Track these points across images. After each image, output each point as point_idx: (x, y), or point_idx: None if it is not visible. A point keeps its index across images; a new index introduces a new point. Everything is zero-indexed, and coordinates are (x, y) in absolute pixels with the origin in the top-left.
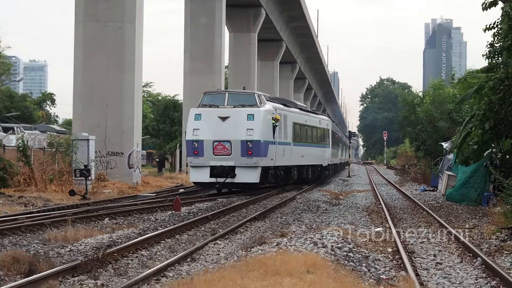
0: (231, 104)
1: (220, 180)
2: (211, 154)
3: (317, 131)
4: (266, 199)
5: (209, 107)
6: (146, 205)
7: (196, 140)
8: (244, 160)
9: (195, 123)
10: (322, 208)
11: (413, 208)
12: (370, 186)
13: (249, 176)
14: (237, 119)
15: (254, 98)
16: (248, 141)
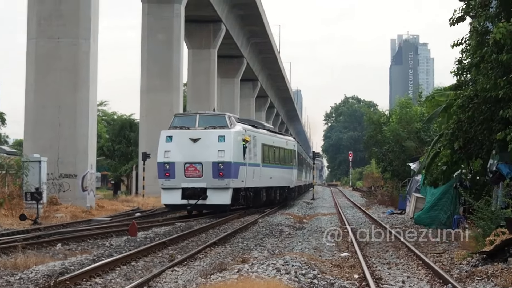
0: (202, 125)
1: (191, 202)
2: (182, 176)
3: (284, 152)
4: (227, 223)
5: (180, 129)
6: (101, 230)
7: (168, 162)
8: (216, 182)
9: (166, 145)
10: (285, 233)
11: (380, 232)
12: (335, 209)
13: (220, 197)
14: (208, 140)
15: (224, 120)
16: (220, 163)
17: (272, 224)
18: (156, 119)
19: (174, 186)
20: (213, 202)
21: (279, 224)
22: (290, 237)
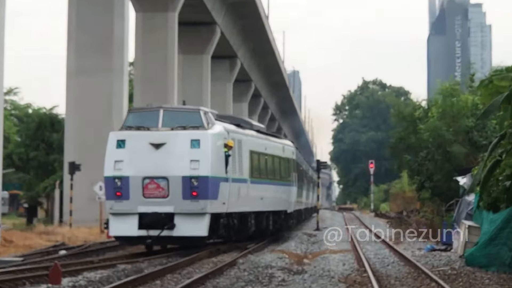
0: (168, 125)
1: (153, 233)
2: (140, 197)
3: (280, 163)
4: (193, 264)
5: (137, 130)
6: (9, 275)
7: (119, 176)
8: (187, 205)
9: (117, 152)
10: (277, 279)
11: (415, 278)
12: (350, 243)
13: (193, 227)
14: (176, 146)
15: (199, 117)
16: (193, 178)
17: (258, 266)
18: (90, 114)
19: (128, 211)
20: (183, 233)
21: (268, 266)
22: (285, 286)
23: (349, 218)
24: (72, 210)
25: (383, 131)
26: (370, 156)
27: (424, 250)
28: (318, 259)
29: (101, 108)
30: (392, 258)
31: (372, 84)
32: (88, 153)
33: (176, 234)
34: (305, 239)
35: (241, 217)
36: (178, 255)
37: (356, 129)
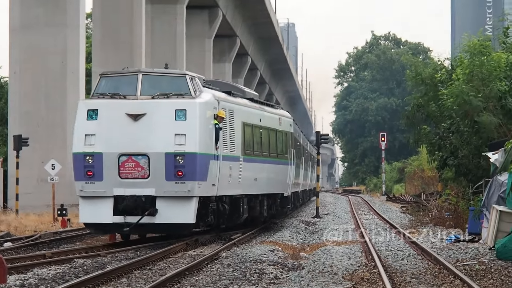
0: (148, 92)
1: (131, 220)
2: (115, 177)
3: (276, 137)
4: (166, 259)
5: (111, 98)
6: None
7: (90, 153)
8: (171, 187)
9: (88, 125)
10: (268, 276)
11: (436, 275)
12: (357, 233)
13: (178, 213)
14: (158, 118)
15: (185, 83)
16: (178, 155)
17: (245, 260)
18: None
19: (102, 194)
20: (166, 220)
21: (257, 260)
22: (278, 284)
23: (356, 202)
24: (18, 194)
25: (397, 97)
26: (381, 127)
27: (446, 241)
28: (317, 252)
29: (52, 70)
30: (408, 251)
31: (383, 39)
32: (38, 125)
33: (159, 221)
34: (302, 228)
35: (232, 201)
36: (148, 248)
37: (364, 94)
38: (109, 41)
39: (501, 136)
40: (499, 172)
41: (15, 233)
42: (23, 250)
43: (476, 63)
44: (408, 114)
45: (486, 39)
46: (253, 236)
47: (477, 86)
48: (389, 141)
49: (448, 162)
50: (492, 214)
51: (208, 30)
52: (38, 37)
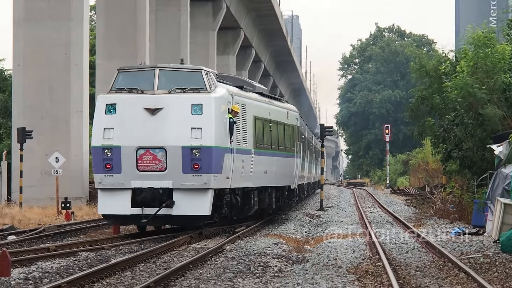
0: (165, 87)
1: (148, 212)
2: (133, 170)
3: (284, 130)
4: (170, 252)
5: (129, 93)
6: None
7: (109, 146)
8: (188, 179)
9: (107, 118)
10: (272, 269)
11: (440, 268)
12: (361, 225)
13: (195, 204)
14: (175, 112)
15: (201, 78)
16: (194, 148)
17: (249, 253)
18: (43, 70)
19: (120, 186)
20: (183, 212)
21: (261, 253)
22: (282, 277)
23: (360, 195)
24: (22, 187)
25: (402, 89)
26: (386, 120)
27: (451, 233)
28: (322, 245)
29: (56, 62)
30: (412, 244)
31: (388, 31)
32: (42, 118)
33: (175, 213)
34: (307, 221)
35: (244, 193)
36: (152, 241)
37: (369, 87)
38: (113, 34)
39: (506, 128)
40: (504, 164)
41: (19, 226)
42: (27, 243)
43: (480, 55)
44: (412, 107)
45: (490, 31)
46: (257, 229)
47: (481, 78)
48: (393, 134)
49: (452, 154)
50: (497, 206)
51: (212, 22)
52: (42, 30)
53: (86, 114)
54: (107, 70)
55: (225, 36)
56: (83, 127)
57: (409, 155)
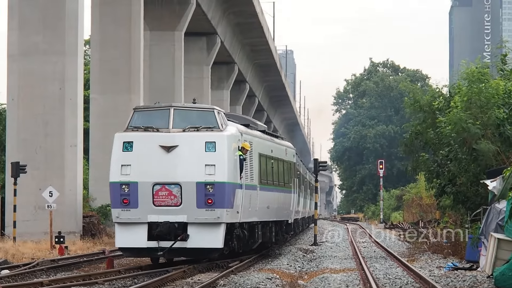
0: (179, 126)
1: (164, 245)
2: (149, 205)
3: (283, 166)
4: (164, 286)
5: (145, 131)
6: None
7: (127, 182)
8: (202, 214)
9: (124, 156)
10: None
11: None
12: (355, 261)
13: (208, 238)
14: (190, 149)
15: (213, 117)
16: (208, 184)
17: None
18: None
19: (137, 220)
20: (197, 245)
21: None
22: None
23: (354, 230)
24: (16, 221)
25: (396, 124)
26: (380, 155)
27: (444, 268)
28: (315, 280)
29: (50, 97)
30: (406, 279)
31: (382, 66)
32: (36, 152)
33: (190, 246)
34: (300, 255)
35: (250, 227)
36: (146, 275)
37: (363, 121)
38: (107, 68)
39: (499, 163)
40: (497, 199)
41: (12, 261)
42: (20, 277)
43: (474, 90)
44: (406, 142)
45: (484, 67)
46: (251, 263)
47: (475, 114)
48: (387, 169)
49: (446, 189)
50: (490, 242)
51: (206, 57)
52: (36, 64)
53: (80, 148)
54: (101, 104)
55: (219, 71)
56: (77, 161)
57: (403, 190)
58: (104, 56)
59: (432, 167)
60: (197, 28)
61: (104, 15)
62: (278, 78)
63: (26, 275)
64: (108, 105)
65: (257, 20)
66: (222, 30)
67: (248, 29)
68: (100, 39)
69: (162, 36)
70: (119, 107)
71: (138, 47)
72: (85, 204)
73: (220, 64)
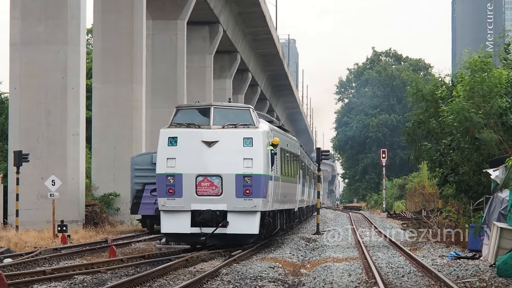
0: (219, 123)
1: (206, 230)
2: (193, 194)
3: (293, 159)
4: (166, 275)
5: (187, 128)
6: None
7: (172, 174)
8: (240, 203)
9: (169, 150)
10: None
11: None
12: (358, 250)
13: (245, 224)
14: (229, 144)
15: (249, 115)
16: (246, 176)
17: (245, 277)
18: (39, 94)
19: (181, 208)
20: (236, 231)
21: (257, 277)
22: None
23: (356, 219)
24: (18, 210)
25: (398, 113)
26: (382, 144)
27: (447, 258)
28: (318, 269)
29: (53, 86)
30: (408, 268)
31: (384, 56)
32: (38, 141)
33: (229, 232)
34: (303, 244)
35: (273, 215)
36: (148, 264)
37: (365, 111)
38: (110, 58)
39: (502, 152)
40: (500, 189)
41: (15, 249)
42: (23, 266)
43: (477, 79)
44: (409, 131)
45: (486, 56)
46: (253, 252)
47: (477, 103)
48: (390, 158)
49: (448, 178)
50: (493, 231)
51: (208, 46)
52: (39, 54)
53: (83, 137)
54: (103, 93)
55: (222, 60)
56: (80, 150)
57: (405, 179)
58: (106, 46)
59: (434, 156)
60: (199, 17)
61: (106, 4)
62: (281, 67)
63: (28, 263)
64: (110, 94)
65: (260, 9)
66: (225, 19)
67: (251, 18)
68: (102, 28)
69: (165, 25)
70: (121, 96)
71: (141, 36)
72: (88, 193)
73: (223, 53)
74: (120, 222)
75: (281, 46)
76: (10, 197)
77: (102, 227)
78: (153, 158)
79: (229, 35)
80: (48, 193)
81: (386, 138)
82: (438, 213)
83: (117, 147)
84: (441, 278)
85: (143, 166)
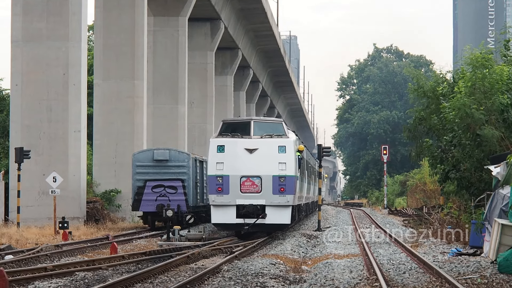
0: (258, 133)
1: (248, 221)
2: (238, 192)
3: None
4: (167, 272)
5: (232, 137)
6: None
7: (221, 175)
8: (276, 198)
9: (218, 155)
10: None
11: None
12: (359, 246)
13: (280, 216)
14: (267, 151)
15: (282, 127)
16: (281, 177)
17: (246, 273)
18: (41, 90)
19: (228, 203)
20: (272, 221)
21: (258, 273)
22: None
23: (358, 215)
24: (20, 207)
25: (399, 110)
26: (383, 140)
27: (448, 254)
28: (319, 266)
29: (54, 82)
30: (410, 264)
31: (386, 52)
32: (40, 137)
33: (267, 222)
34: (304, 241)
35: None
36: (150, 261)
37: (366, 107)
38: (111, 54)
39: (503, 149)
40: (501, 185)
41: (16, 246)
42: (24, 263)
43: (478, 76)
44: (410, 127)
45: (488, 52)
46: (255, 249)
47: (479, 99)
48: (391, 154)
49: (450, 175)
50: (494, 227)
51: (210, 42)
52: (40, 50)
53: (84, 134)
54: (105, 90)
55: (223, 56)
56: (81, 146)
57: (406, 176)
58: (108, 42)
59: (436, 153)
60: (201, 14)
61: (107, 0)
62: (282, 64)
63: (30, 260)
64: (112, 91)
65: (261, 6)
66: (226, 16)
67: (252, 15)
68: (103, 25)
69: (166, 22)
70: (122, 93)
71: (142, 32)
72: (89, 189)
73: (224, 49)
74: (122, 218)
75: (283, 43)
76: (12, 194)
77: (104, 223)
78: (154, 155)
79: (231, 32)
80: (50, 190)
81: (388, 134)
82: (440, 209)
83: (119, 143)
84: (442, 275)
85: (144, 163)
